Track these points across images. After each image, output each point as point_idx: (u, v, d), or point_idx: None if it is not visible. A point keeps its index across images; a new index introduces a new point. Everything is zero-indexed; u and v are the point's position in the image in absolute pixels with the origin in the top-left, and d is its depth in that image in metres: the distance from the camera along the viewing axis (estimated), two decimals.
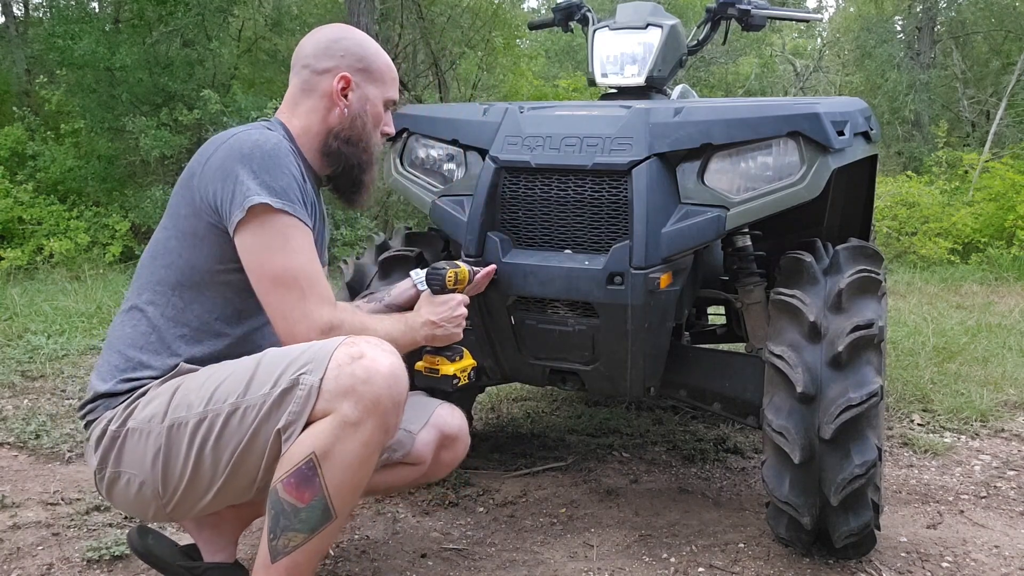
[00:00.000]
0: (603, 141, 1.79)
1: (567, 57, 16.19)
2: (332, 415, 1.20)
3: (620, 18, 2.21)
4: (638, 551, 1.91)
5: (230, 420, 1.24)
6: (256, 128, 1.38)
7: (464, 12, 10.89)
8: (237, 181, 1.29)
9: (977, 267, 7.60)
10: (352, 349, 1.24)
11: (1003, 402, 3.18)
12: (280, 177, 1.30)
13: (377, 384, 1.22)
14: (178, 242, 1.36)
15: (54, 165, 7.62)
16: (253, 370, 1.27)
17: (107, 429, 1.31)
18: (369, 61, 1.49)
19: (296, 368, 1.23)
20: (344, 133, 1.47)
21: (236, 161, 1.30)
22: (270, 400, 1.22)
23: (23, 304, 4.81)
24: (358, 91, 1.48)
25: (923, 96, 13.30)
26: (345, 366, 1.21)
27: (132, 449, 1.29)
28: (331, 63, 1.46)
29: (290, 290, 1.28)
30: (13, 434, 2.63)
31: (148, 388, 1.33)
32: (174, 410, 1.27)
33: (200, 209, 1.33)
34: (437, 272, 1.59)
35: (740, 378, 1.97)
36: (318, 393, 1.20)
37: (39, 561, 1.79)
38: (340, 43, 1.47)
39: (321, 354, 1.24)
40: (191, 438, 1.25)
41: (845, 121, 1.74)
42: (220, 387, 1.27)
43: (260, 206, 1.27)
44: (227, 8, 8.36)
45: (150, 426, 1.28)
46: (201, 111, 7.34)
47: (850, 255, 1.86)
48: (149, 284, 1.38)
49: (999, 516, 2.16)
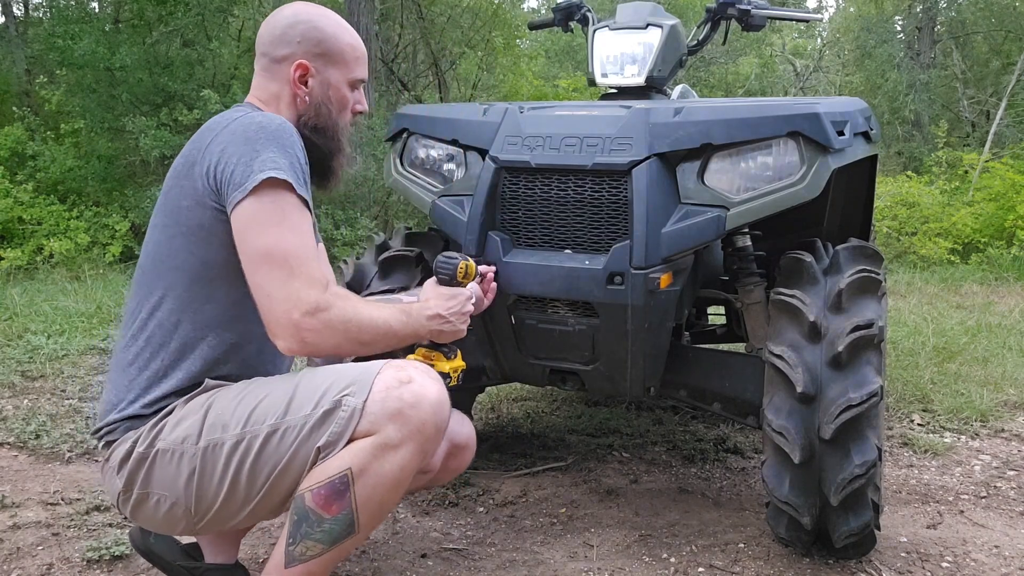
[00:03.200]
0: (603, 141, 1.79)
1: (567, 57, 16.20)
2: (375, 435, 1.19)
3: (620, 18, 2.21)
4: (638, 551, 1.91)
5: (269, 441, 1.22)
6: (249, 111, 1.34)
7: (464, 12, 10.89)
8: (241, 159, 1.24)
9: (977, 267, 7.60)
10: (401, 373, 1.23)
11: (1003, 402, 3.18)
12: (287, 154, 1.26)
13: (424, 410, 1.21)
14: (185, 239, 1.29)
15: (54, 165, 7.62)
16: (292, 391, 1.24)
17: (133, 451, 1.26)
18: (327, 44, 1.42)
19: (339, 389, 1.21)
20: (311, 121, 1.42)
21: (241, 141, 1.26)
22: (311, 421, 1.20)
23: (23, 304, 4.81)
24: (318, 77, 1.42)
25: (923, 96, 13.30)
26: (393, 389, 1.20)
27: (163, 470, 1.25)
28: (287, 50, 1.40)
29: (279, 268, 1.21)
30: (13, 434, 2.63)
31: (174, 407, 1.29)
32: (209, 431, 1.24)
33: (204, 195, 1.27)
34: (449, 261, 1.53)
35: (740, 378, 1.97)
36: (361, 414, 1.19)
37: (39, 561, 1.79)
38: (296, 28, 1.40)
39: (365, 376, 1.22)
40: (227, 459, 1.23)
41: (845, 121, 1.74)
42: (257, 408, 1.24)
43: (266, 180, 1.22)
44: (227, 8, 8.36)
45: (183, 447, 1.24)
46: (201, 111, 7.34)
47: (850, 255, 1.86)
48: (157, 291, 1.32)
49: (999, 516, 2.16)
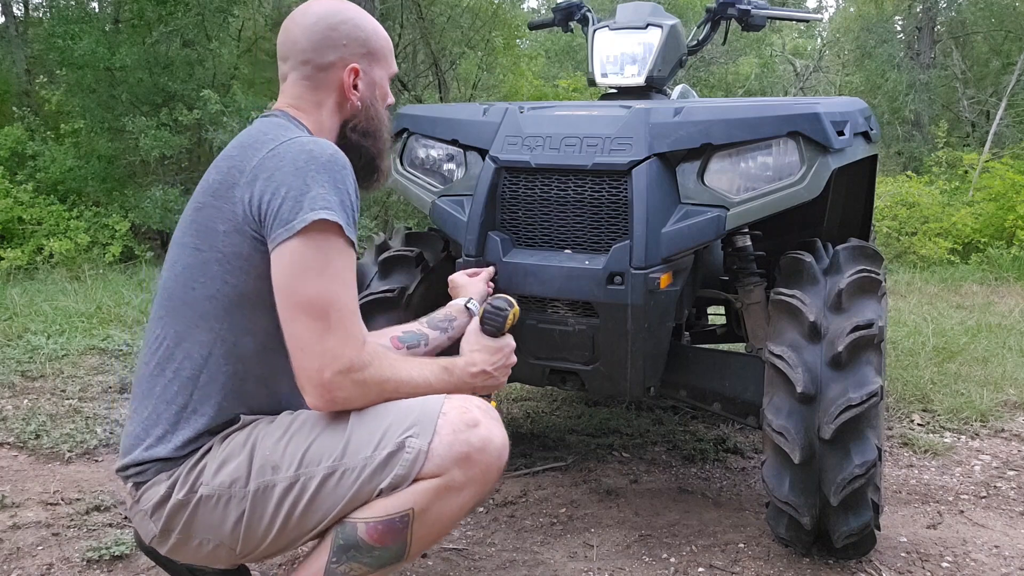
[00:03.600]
0: (603, 141, 1.79)
1: (567, 57, 16.19)
2: (440, 478, 1.15)
3: (620, 18, 2.21)
4: (638, 551, 1.91)
5: (326, 483, 1.16)
6: (290, 127, 1.27)
7: (464, 12, 10.89)
8: (290, 192, 1.15)
9: (977, 267, 7.59)
10: (467, 416, 1.18)
11: (1003, 402, 3.18)
12: (338, 190, 1.18)
13: (491, 455, 1.19)
14: (220, 266, 1.21)
15: (54, 165, 7.62)
16: (347, 431, 1.18)
17: (171, 496, 1.20)
18: (372, 43, 1.38)
19: (401, 430, 1.16)
20: (361, 126, 1.38)
21: (290, 171, 1.17)
22: (373, 464, 1.15)
23: (23, 304, 4.81)
24: (366, 78, 1.38)
25: (923, 96, 13.30)
26: (460, 432, 1.16)
27: (207, 515, 1.19)
28: (335, 55, 1.33)
29: (316, 320, 1.13)
30: (13, 434, 2.63)
31: (210, 446, 1.22)
32: (258, 473, 1.18)
33: (244, 223, 1.19)
34: (499, 313, 1.42)
35: (740, 378, 1.97)
36: (427, 457, 1.14)
37: (39, 561, 1.79)
38: (339, 29, 1.34)
39: (427, 416, 1.17)
40: (280, 501, 1.17)
41: (845, 121, 1.74)
42: (311, 449, 1.17)
43: (315, 222, 1.14)
44: (227, 8, 8.36)
45: (231, 491, 1.18)
46: (201, 111, 7.34)
47: (850, 255, 1.86)
48: (186, 319, 1.23)
49: (999, 516, 2.16)
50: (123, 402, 3.04)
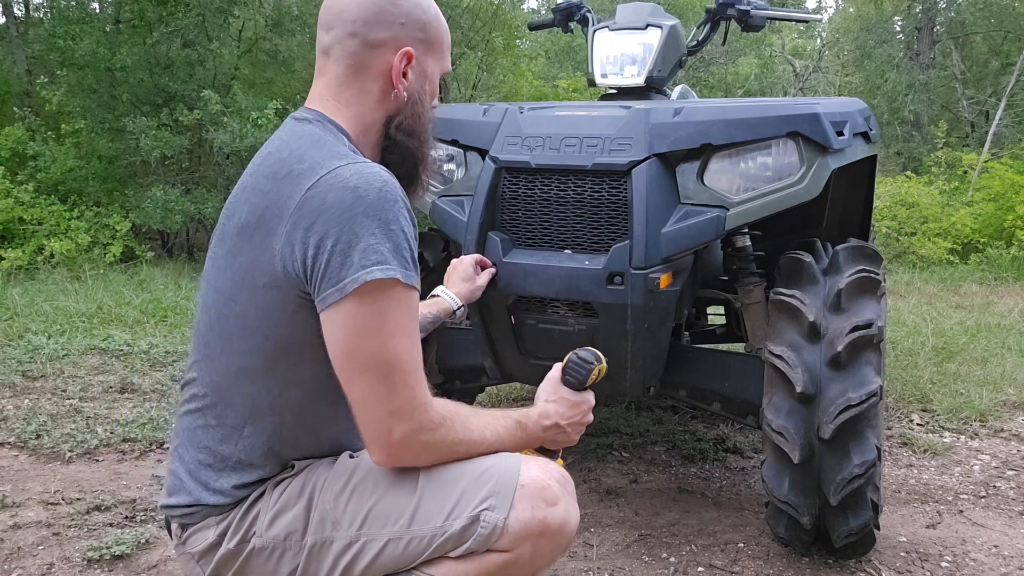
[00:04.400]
0: (603, 141, 1.79)
1: (567, 57, 16.19)
2: (510, 553, 1.07)
3: (620, 18, 2.21)
4: (638, 551, 1.91)
5: (388, 548, 1.08)
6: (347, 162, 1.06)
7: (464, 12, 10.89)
8: (337, 245, 1.01)
9: (976, 267, 7.60)
10: (547, 493, 1.08)
11: (1002, 402, 3.19)
12: (390, 234, 1.02)
13: (564, 536, 1.10)
14: (261, 322, 1.08)
15: (55, 165, 7.61)
16: (418, 494, 1.08)
17: (221, 544, 1.12)
18: (432, 30, 1.19)
19: (477, 501, 1.06)
20: (406, 123, 1.18)
21: (335, 216, 1.01)
22: (444, 534, 1.06)
23: (23, 304, 4.81)
24: (418, 67, 1.18)
25: (922, 96, 13.30)
26: (539, 510, 1.07)
27: (259, 566, 1.12)
28: (388, 33, 1.14)
29: (379, 381, 1.03)
30: (13, 434, 2.63)
31: (263, 490, 1.14)
32: (317, 528, 1.10)
33: (285, 279, 1.05)
34: (583, 366, 1.27)
35: (740, 378, 1.97)
36: (502, 533, 1.05)
37: (39, 561, 1.79)
38: (399, 5, 1.15)
39: (504, 486, 1.07)
40: (336, 559, 1.09)
41: (844, 121, 1.75)
42: (375, 508, 1.09)
43: (371, 283, 1.01)
44: (227, 8, 8.35)
45: (285, 545, 1.10)
46: (202, 111, 7.34)
47: (849, 255, 1.87)
48: (225, 366, 1.12)
49: (998, 516, 2.16)
50: (123, 402, 3.04)
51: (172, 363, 3.63)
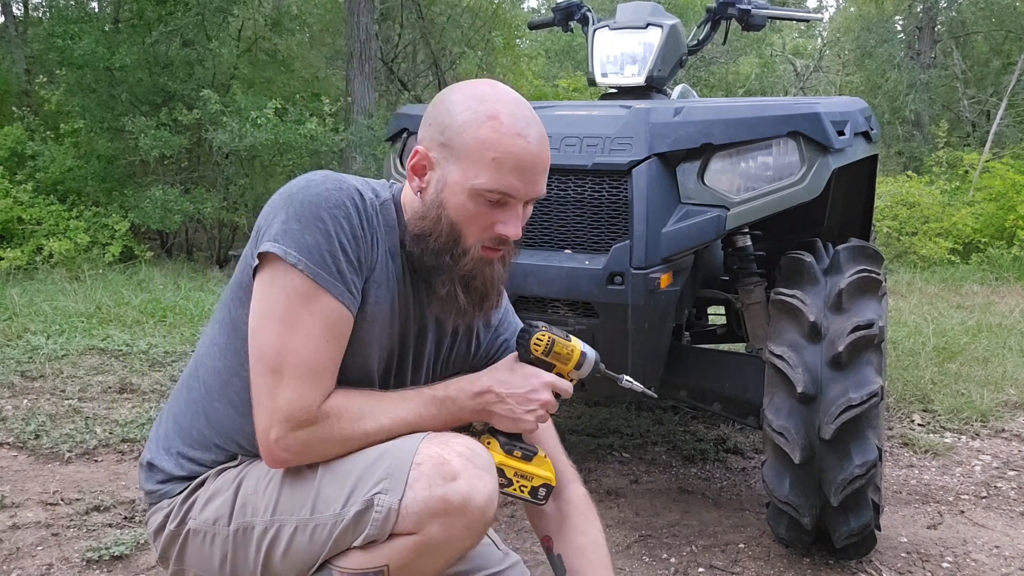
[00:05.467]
0: (603, 141, 1.78)
1: (567, 57, 16.19)
2: (418, 535, 1.03)
3: (620, 18, 2.21)
4: (638, 551, 1.91)
5: (297, 535, 1.08)
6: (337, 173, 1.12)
7: (464, 12, 10.90)
8: (269, 222, 1.06)
9: (977, 267, 7.60)
10: (444, 468, 1.02)
11: (1003, 402, 3.18)
12: (310, 230, 1.03)
13: (473, 512, 1.03)
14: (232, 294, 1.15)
15: (54, 165, 7.61)
16: (316, 483, 1.07)
17: (165, 525, 1.17)
18: (450, 133, 1.08)
19: (370, 486, 1.04)
20: (416, 226, 1.12)
21: (281, 197, 1.07)
22: (343, 521, 1.05)
23: (23, 304, 4.81)
24: (437, 172, 1.10)
25: (923, 96, 13.31)
26: (436, 487, 1.02)
27: (196, 551, 1.16)
28: (423, 132, 1.12)
29: (267, 371, 1.04)
30: (13, 434, 2.63)
31: (206, 477, 1.16)
32: (239, 513, 1.12)
33: (248, 251, 1.11)
34: (527, 330, 1.17)
35: (740, 378, 1.97)
36: (398, 515, 1.02)
37: (39, 561, 1.79)
38: (436, 106, 1.11)
39: (399, 465, 1.03)
40: (258, 545, 1.11)
41: (845, 121, 1.74)
42: (283, 495, 1.09)
43: (272, 256, 1.03)
44: (227, 8, 8.35)
45: (215, 529, 1.13)
46: (201, 111, 7.33)
47: (850, 255, 1.86)
48: (207, 347, 1.18)
49: (999, 516, 2.16)
50: (122, 402, 3.04)
51: (171, 363, 3.63)
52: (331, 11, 11.03)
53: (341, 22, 9.94)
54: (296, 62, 9.72)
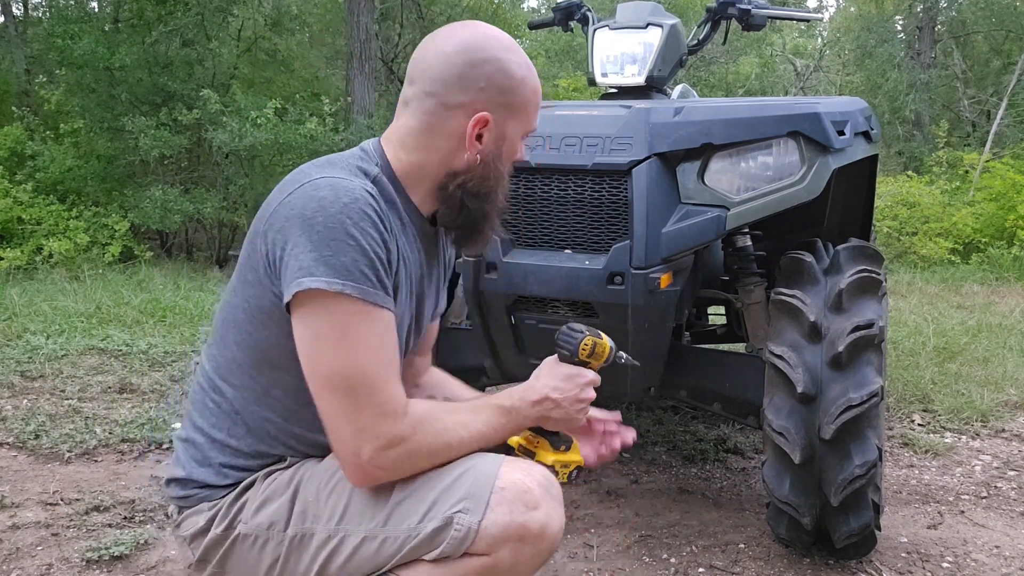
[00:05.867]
0: (603, 141, 1.78)
1: (567, 57, 16.18)
2: (488, 557, 1.05)
3: (620, 18, 2.20)
4: (638, 551, 1.91)
5: (363, 546, 1.08)
6: (333, 175, 1.07)
7: (464, 12, 10.90)
8: (290, 252, 1.03)
9: (978, 267, 7.60)
10: (527, 496, 1.05)
11: (1004, 402, 3.18)
12: (343, 250, 1.01)
13: (546, 543, 1.07)
14: (246, 316, 1.13)
15: (53, 165, 7.61)
16: (394, 495, 1.08)
17: (209, 529, 1.15)
18: (516, 94, 1.14)
19: (451, 503, 1.05)
20: (472, 184, 1.15)
21: (296, 224, 1.03)
22: (418, 536, 1.05)
23: (22, 304, 4.81)
24: (496, 130, 1.14)
25: (923, 96, 13.31)
26: (517, 513, 1.04)
27: (243, 555, 1.14)
28: (466, 96, 1.11)
29: (344, 397, 1.02)
30: (12, 434, 2.63)
31: (254, 479, 1.15)
32: (298, 519, 1.11)
33: (265, 276, 1.08)
34: (573, 335, 1.23)
35: (740, 378, 1.97)
36: (476, 536, 1.03)
37: (38, 561, 1.79)
38: (481, 68, 1.12)
39: (480, 487, 1.05)
40: (315, 553, 1.10)
41: (845, 121, 1.74)
42: (351, 504, 1.09)
43: (310, 293, 1.01)
44: (227, 8, 8.35)
45: (268, 534, 1.12)
46: (201, 111, 7.34)
47: (850, 255, 1.86)
48: (224, 361, 1.16)
49: (999, 516, 2.15)
50: (122, 402, 3.04)
51: (171, 363, 3.63)
52: (331, 11, 11.04)
53: (341, 22, 9.94)
54: (296, 62, 9.72)
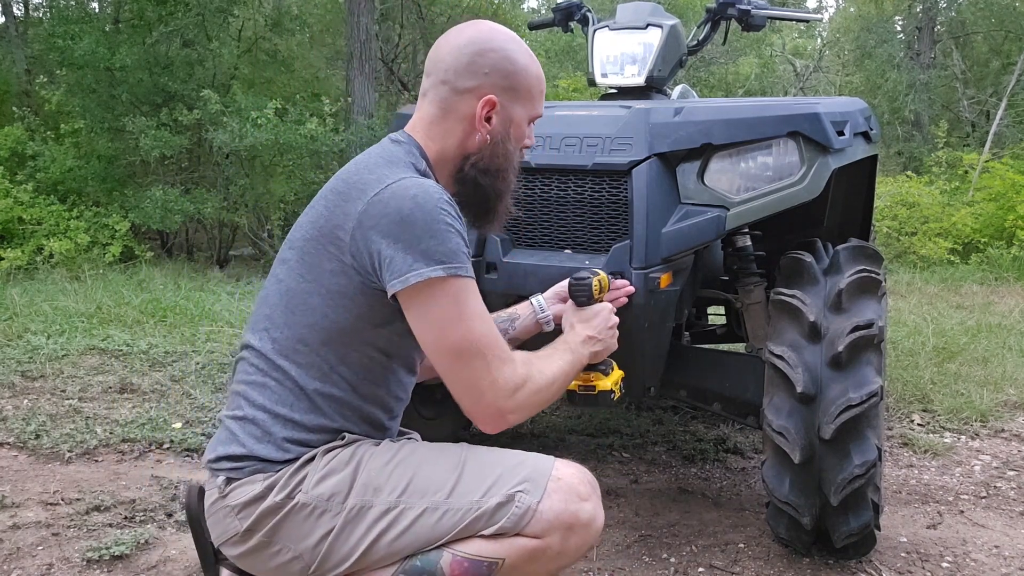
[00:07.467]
0: (603, 141, 1.79)
1: (567, 57, 16.18)
2: (539, 540, 1.15)
3: (620, 18, 2.21)
4: (638, 551, 1.91)
5: (423, 517, 1.16)
6: (409, 175, 1.21)
7: (464, 12, 10.90)
8: (395, 247, 1.15)
9: (977, 267, 7.60)
10: (580, 488, 1.18)
11: (1003, 402, 3.18)
12: (447, 239, 1.15)
13: (591, 533, 1.19)
14: (322, 300, 1.21)
15: (54, 165, 7.61)
16: (458, 472, 1.18)
17: (265, 497, 1.19)
18: (518, 79, 1.29)
19: (513, 483, 1.16)
20: (483, 162, 1.30)
21: (395, 222, 1.15)
22: (479, 509, 1.15)
23: (23, 304, 4.81)
24: (503, 113, 1.29)
25: (923, 96, 13.30)
26: (571, 503, 1.16)
27: (297, 524, 1.19)
28: (474, 82, 1.27)
29: (474, 360, 1.17)
30: (13, 434, 2.63)
31: (314, 455, 1.22)
32: (359, 491, 1.18)
33: (352, 268, 1.19)
34: (582, 283, 1.41)
35: (740, 378, 1.97)
36: (533, 516, 1.14)
37: (39, 561, 1.79)
38: (486, 56, 1.27)
39: (539, 474, 1.18)
40: (372, 525, 1.17)
41: (845, 121, 1.74)
42: (416, 479, 1.18)
43: (429, 280, 1.14)
44: (227, 8, 8.35)
45: (327, 505, 1.18)
46: (201, 111, 7.34)
47: (850, 255, 1.86)
48: (289, 341, 1.23)
49: (999, 516, 2.16)
50: (123, 402, 3.04)
51: (171, 363, 3.63)
52: (331, 11, 11.04)
53: (341, 22, 9.94)
54: (296, 62, 9.72)
